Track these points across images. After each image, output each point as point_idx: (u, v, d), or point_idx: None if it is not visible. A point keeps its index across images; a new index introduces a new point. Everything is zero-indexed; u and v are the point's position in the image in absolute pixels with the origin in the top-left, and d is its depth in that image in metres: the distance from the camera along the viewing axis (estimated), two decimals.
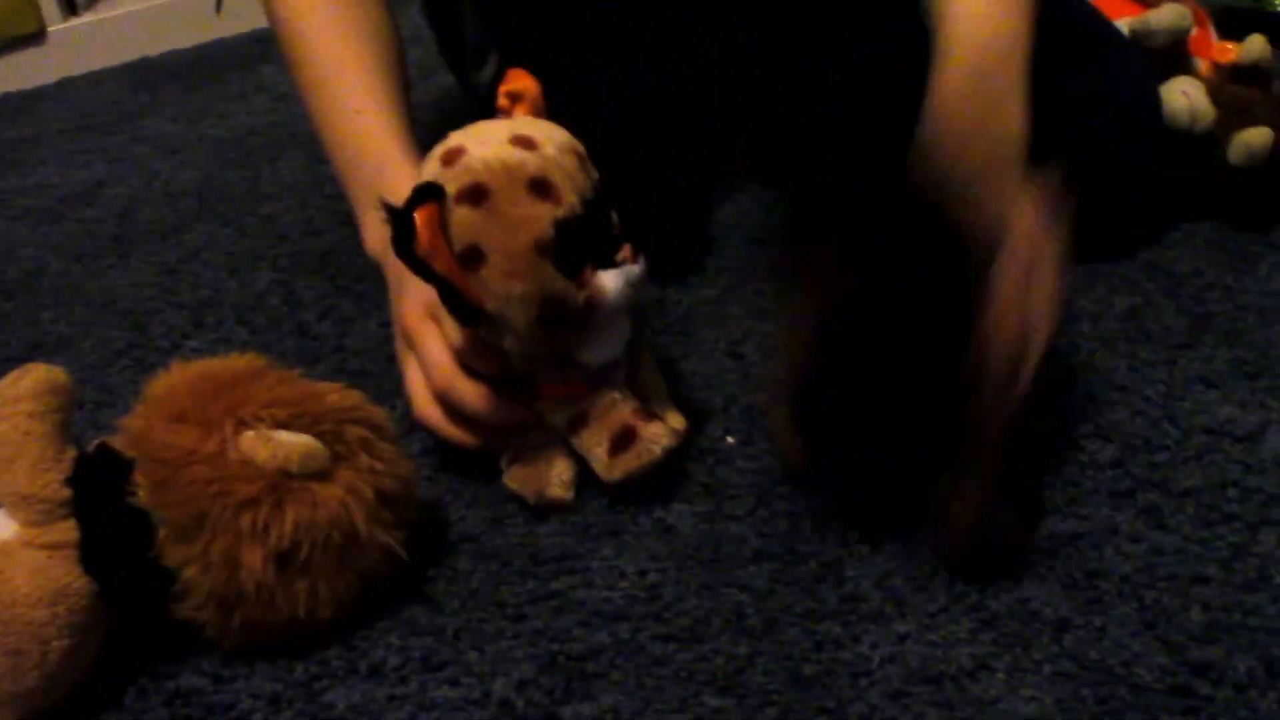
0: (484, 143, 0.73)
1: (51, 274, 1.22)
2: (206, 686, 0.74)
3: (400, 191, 0.85)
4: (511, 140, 0.73)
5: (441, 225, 0.73)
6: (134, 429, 0.74)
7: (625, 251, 0.77)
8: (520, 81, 0.78)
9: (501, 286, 0.74)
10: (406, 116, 0.93)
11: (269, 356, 0.79)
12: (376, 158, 0.90)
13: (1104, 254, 0.99)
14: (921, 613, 0.73)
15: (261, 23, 1.87)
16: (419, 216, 0.72)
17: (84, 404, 0.99)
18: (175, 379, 0.76)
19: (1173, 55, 1.04)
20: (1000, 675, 0.69)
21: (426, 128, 1.27)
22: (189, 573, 0.71)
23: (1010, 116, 0.78)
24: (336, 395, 0.76)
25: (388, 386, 0.96)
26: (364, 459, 0.74)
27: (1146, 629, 0.70)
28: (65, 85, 1.73)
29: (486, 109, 1.20)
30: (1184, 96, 0.98)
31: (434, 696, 0.71)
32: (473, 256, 0.73)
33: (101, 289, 1.18)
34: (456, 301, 0.74)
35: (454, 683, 0.72)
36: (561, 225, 0.73)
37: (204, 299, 1.13)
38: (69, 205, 1.36)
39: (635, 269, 0.76)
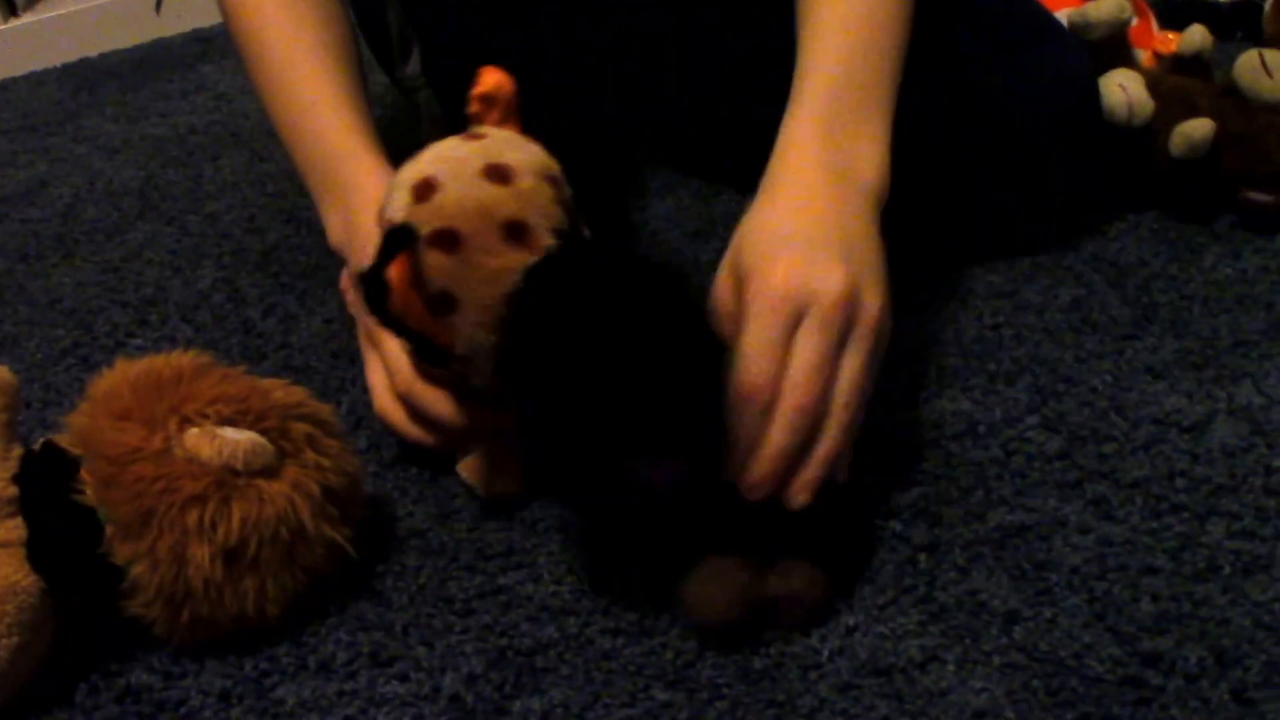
0: (457, 176, 0.69)
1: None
2: (156, 683, 0.73)
3: (358, 185, 0.85)
4: (485, 171, 0.70)
5: (413, 268, 0.70)
6: (79, 427, 0.73)
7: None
8: (492, 82, 0.74)
9: (471, 335, 0.71)
10: (363, 107, 0.92)
11: (214, 354, 0.78)
12: (334, 151, 0.89)
13: (1047, 246, 1.00)
14: (870, 605, 0.72)
15: (202, 22, 1.87)
16: (394, 271, 0.69)
17: (30, 403, 0.98)
18: (119, 377, 0.75)
19: (1112, 47, 1.05)
20: (950, 667, 0.69)
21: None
22: (137, 570, 0.70)
23: (865, 160, 0.75)
24: (281, 391, 0.75)
25: (332, 383, 0.96)
26: (310, 455, 0.73)
27: (1096, 620, 0.70)
28: (5, 86, 1.71)
29: (412, 101, 1.21)
30: (1121, 90, 0.99)
31: (383, 692, 0.71)
32: (444, 303, 0.70)
33: (45, 288, 1.16)
34: (427, 349, 0.73)
35: (403, 678, 0.71)
36: (531, 273, 0.69)
37: (148, 297, 1.11)
38: (11, 205, 1.34)
39: None
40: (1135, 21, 1.06)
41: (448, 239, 0.68)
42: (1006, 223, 0.98)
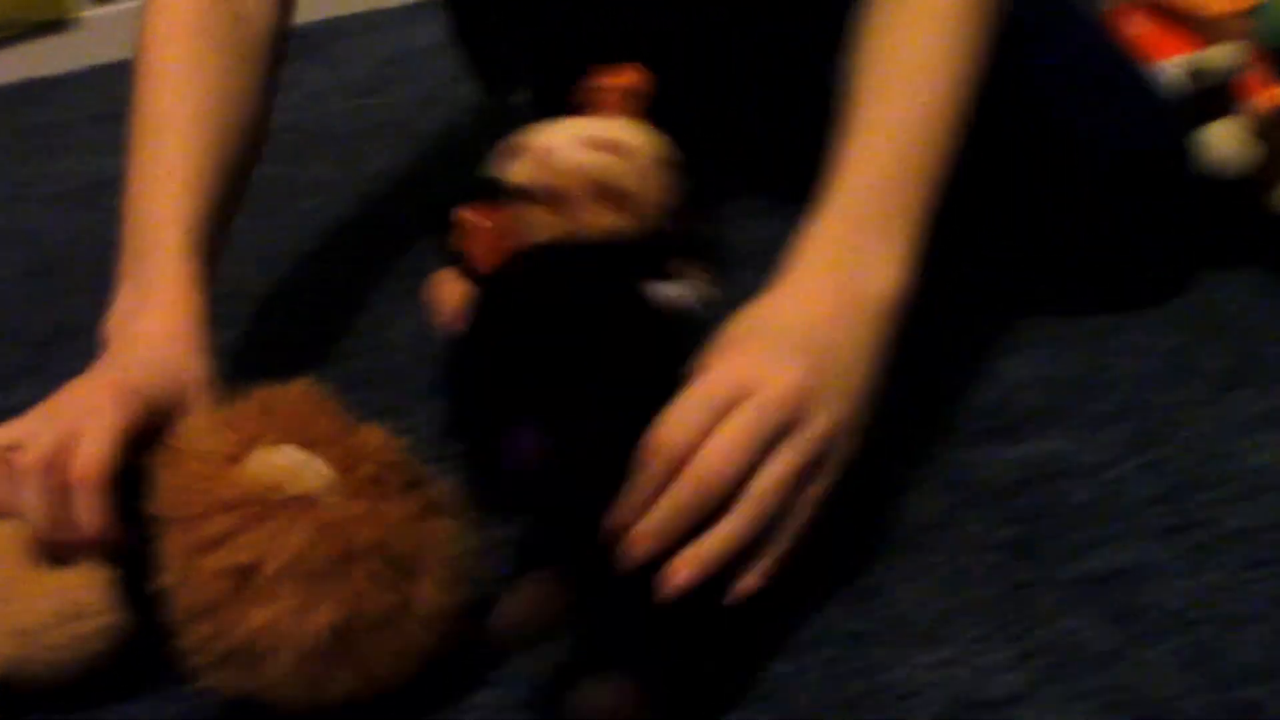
0: (565, 141, 0.73)
1: (80, 260, 1.24)
2: None
3: (151, 282, 0.82)
4: (593, 141, 0.73)
5: (506, 221, 0.73)
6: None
7: (696, 269, 0.76)
8: (620, 76, 0.77)
9: None
10: (214, 201, 0.87)
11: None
12: (156, 240, 0.84)
13: (1147, 292, 1.01)
14: (964, 639, 0.73)
15: (301, 17, 1.90)
16: (477, 214, 0.71)
17: None
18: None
19: (1218, 95, 1.05)
20: (1044, 705, 0.69)
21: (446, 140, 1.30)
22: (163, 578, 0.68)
23: (881, 270, 0.73)
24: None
25: (420, 386, 0.97)
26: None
27: (1194, 665, 0.71)
28: (94, 73, 1.75)
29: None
30: (1223, 142, 1.00)
31: None
32: None
33: None
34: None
35: None
36: (627, 239, 0.72)
37: (238, 291, 1.14)
38: (97, 193, 1.38)
39: (696, 287, 0.76)
40: (1248, 70, 1.07)
41: (551, 196, 0.71)
42: (1102, 269, 0.99)
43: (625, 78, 0.77)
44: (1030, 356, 0.95)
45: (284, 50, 0.96)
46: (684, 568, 0.64)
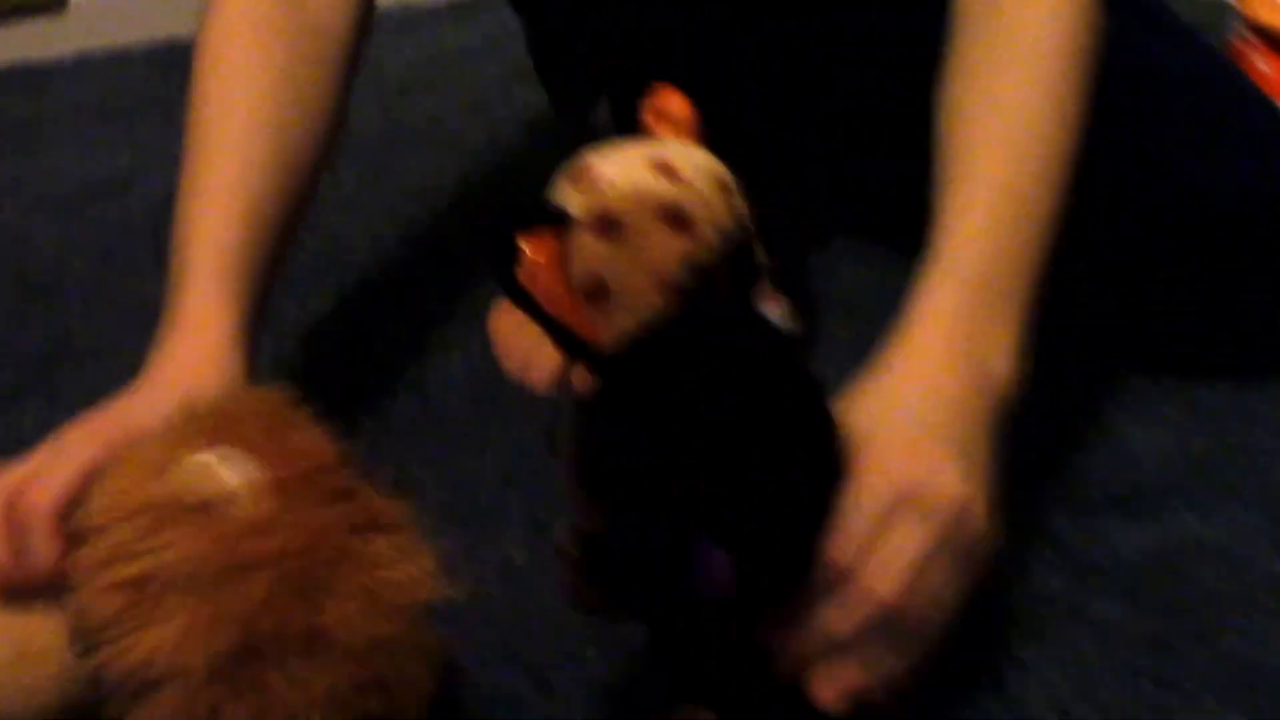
0: (618, 164, 0.77)
1: (77, 275, 1.28)
2: None
3: (183, 305, 0.85)
4: (651, 165, 0.77)
5: (561, 251, 0.76)
6: None
7: (767, 294, 0.80)
8: (668, 99, 0.81)
9: (623, 326, 0.77)
10: (264, 220, 0.89)
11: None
12: (188, 258, 0.88)
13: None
14: None
15: None
16: (533, 243, 0.75)
17: None
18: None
19: None
20: None
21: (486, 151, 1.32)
22: None
23: (1000, 353, 0.77)
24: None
25: (474, 435, 1.01)
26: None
27: None
28: (84, 63, 1.79)
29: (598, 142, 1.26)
30: None
31: None
32: (595, 291, 0.75)
33: (136, 292, 1.23)
34: (564, 337, 0.78)
35: None
36: (692, 265, 0.75)
37: None
38: (94, 198, 1.42)
39: (787, 317, 0.79)
40: None
41: (605, 222, 0.74)
42: (1230, 331, 1.02)
43: (671, 103, 0.82)
44: (1156, 425, 1.00)
45: (360, 50, 1.01)
46: (828, 689, 0.70)
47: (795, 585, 0.69)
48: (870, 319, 1.08)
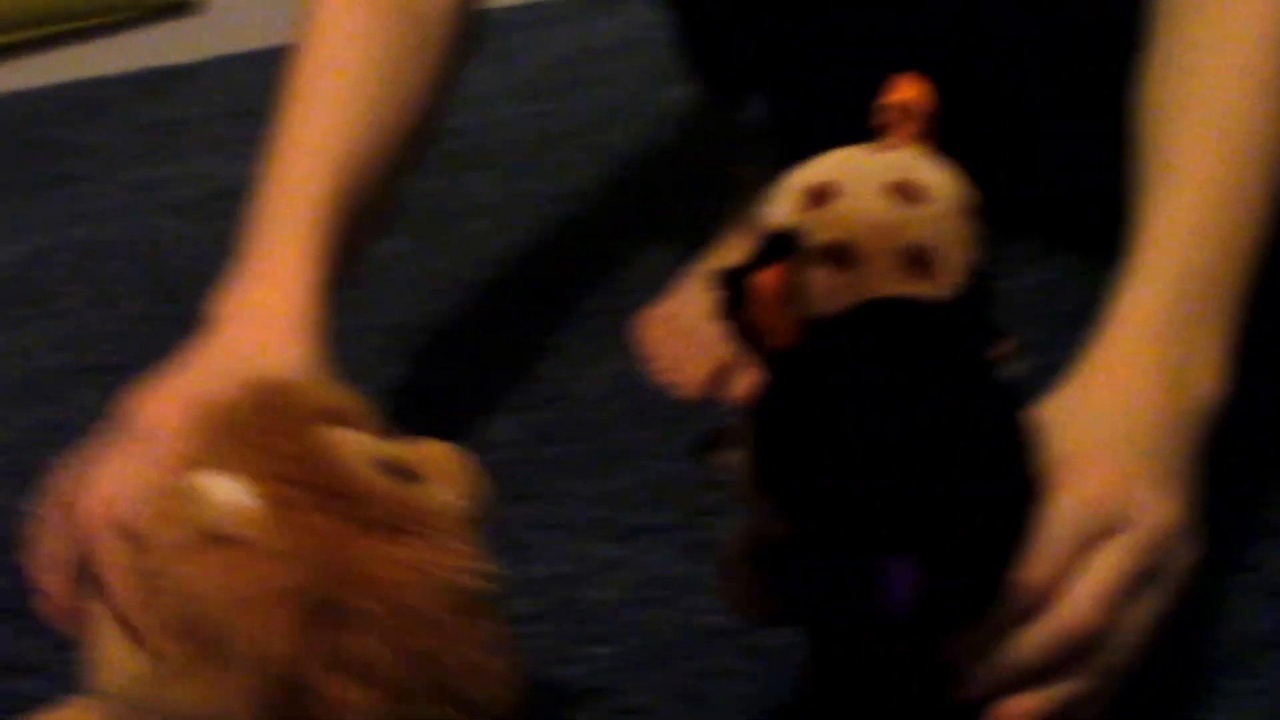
0: (862, 184, 0.72)
1: (210, 278, 1.26)
2: None
3: (268, 254, 0.86)
4: (895, 188, 0.71)
5: (789, 281, 0.72)
6: None
7: (1003, 346, 0.75)
8: (911, 90, 0.76)
9: None
10: (359, 185, 0.89)
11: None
12: (277, 208, 0.89)
13: None
14: None
15: None
16: (765, 277, 0.71)
17: None
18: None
19: None
20: None
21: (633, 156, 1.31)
22: None
23: (1204, 369, 0.74)
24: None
25: (630, 446, 0.98)
26: None
27: None
28: (222, 63, 1.80)
29: (754, 145, 1.23)
30: None
31: None
32: None
33: None
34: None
35: None
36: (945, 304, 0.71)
37: (399, 322, 1.16)
38: (234, 200, 1.40)
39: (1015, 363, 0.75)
40: None
41: (841, 254, 0.70)
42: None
43: (911, 93, 0.76)
44: None
45: (470, 39, 1.00)
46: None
47: (986, 606, 0.66)
48: (1054, 324, 1.06)
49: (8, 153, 1.63)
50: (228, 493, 0.65)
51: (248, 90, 1.70)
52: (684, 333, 1.07)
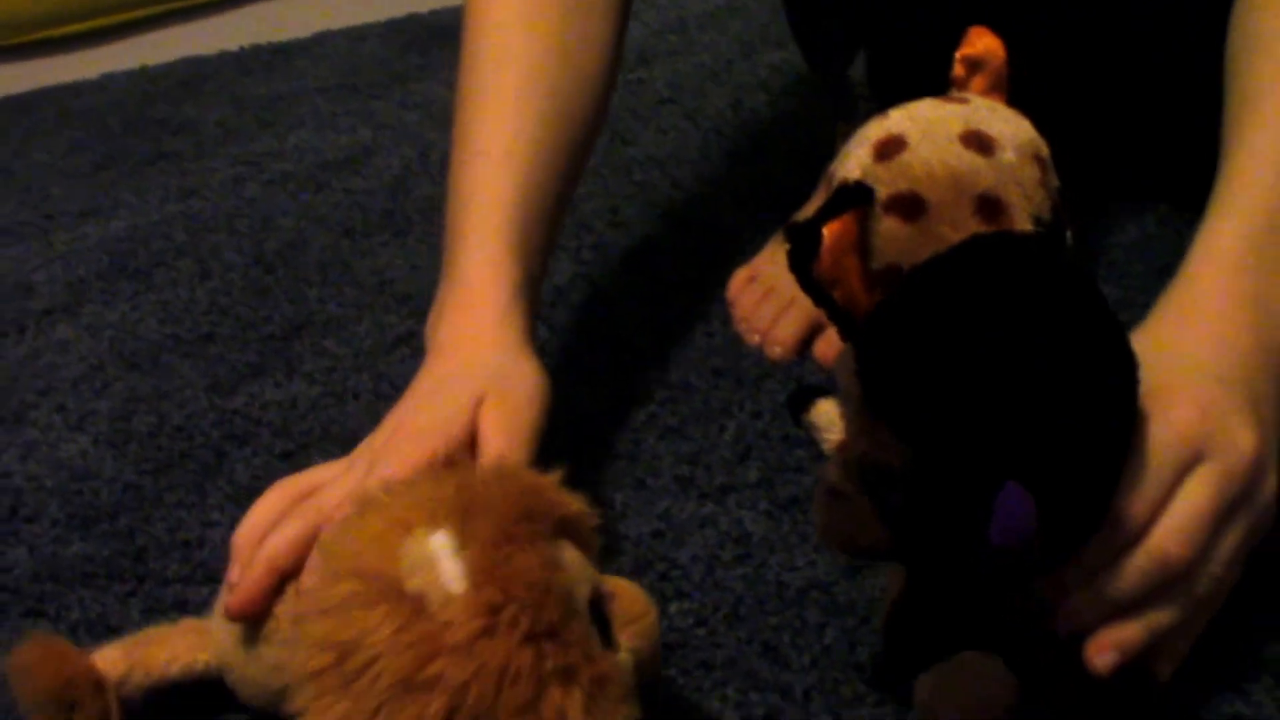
0: (930, 136, 0.71)
1: (316, 248, 1.30)
2: None
3: (460, 277, 0.87)
4: (964, 138, 0.71)
5: (859, 233, 0.73)
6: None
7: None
8: (982, 44, 0.76)
9: None
10: (541, 177, 0.90)
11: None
12: (463, 222, 0.90)
13: None
14: None
15: None
16: (832, 229, 0.71)
17: (359, 394, 1.07)
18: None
19: None
20: None
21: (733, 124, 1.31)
22: None
23: None
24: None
25: (715, 404, 1.00)
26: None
27: None
28: (322, 40, 1.84)
29: (850, 108, 1.23)
30: None
31: None
32: (892, 279, 0.71)
33: (374, 268, 1.25)
34: (854, 329, 0.75)
35: None
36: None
37: None
38: (333, 173, 1.44)
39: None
40: None
41: (910, 205, 0.70)
42: None
43: (983, 46, 0.77)
44: None
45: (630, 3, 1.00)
46: (1106, 651, 0.68)
47: (1088, 537, 0.67)
48: (1148, 279, 1.06)
49: (113, 131, 1.66)
50: (448, 567, 0.65)
51: (343, 66, 1.74)
52: (774, 293, 1.07)
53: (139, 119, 1.68)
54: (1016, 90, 0.78)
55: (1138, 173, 1.18)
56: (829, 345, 1.03)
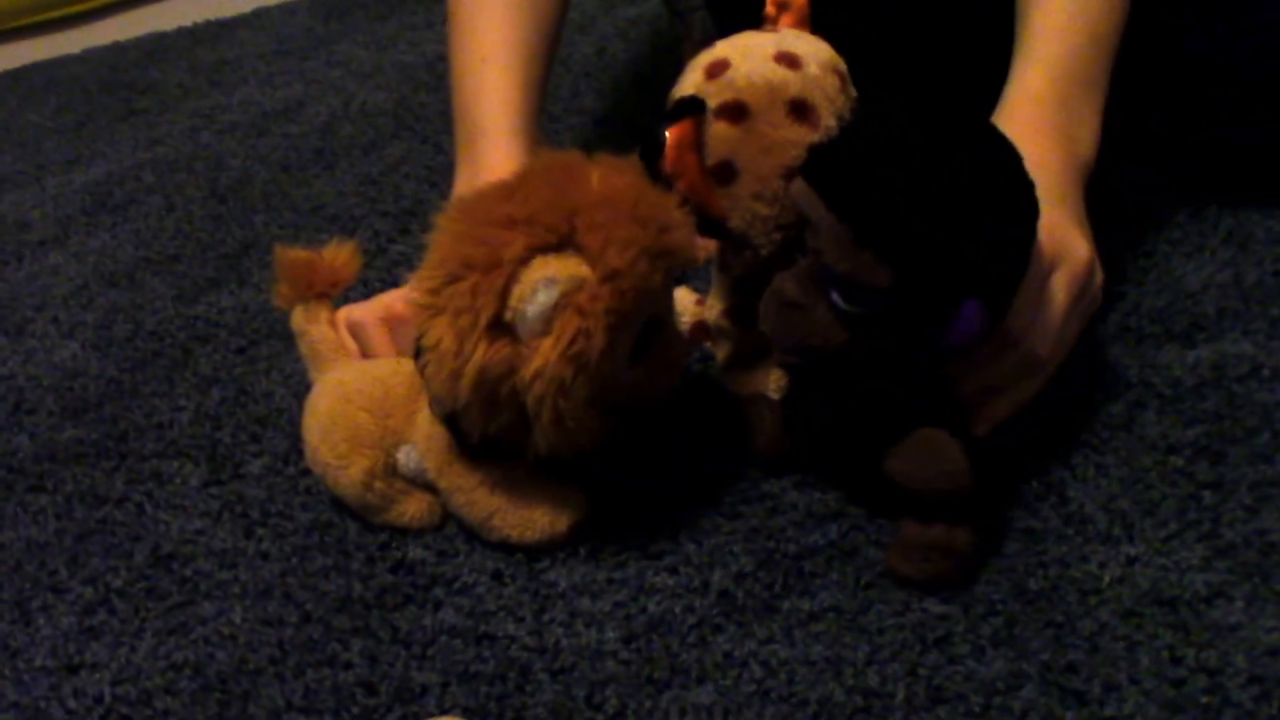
0: (749, 57, 0.69)
1: (260, 181, 1.23)
2: (430, 559, 0.72)
3: (484, 164, 0.83)
4: (776, 57, 0.69)
5: (696, 137, 0.69)
6: None
7: None
8: None
9: (749, 207, 0.70)
10: (534, 79, 0.87)
11: None
12: (479, 119, 0.85)
13: None
14: (1151, 537, 0.68)
15: None
16: (673, 131, 0.68)
17: None
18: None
19: None
20: (1238, 603, 0.64)
21: (622, 61, 1.26)
22: None
23: (1085, 133, 0.73)
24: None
25: None
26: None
27: None
28: (260, 14, 1.75)
29: (684, 23, 1.17)
30: None
31: (654, 582, 0.69)
32: (725, 172, 0.69)
33: (308, 196, 1.18)
34: (698, 217, 0.71)
35: (672, 571, 0.70)
36: (814, 151, 0.67)
37: (407, 208, 1.12)
38: (272, 121, 1.37)
39: None
40: None
41: (735, 110, 0.68)
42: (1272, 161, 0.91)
43: None
44: (1208, 260, 0.87)
45: None
46: (984, 424, 0.67)
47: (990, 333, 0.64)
48: None
49: (92, 94, 1.57)
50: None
51: (278, 35, 1.65)
52: None
53: (113, 83, 1.59)
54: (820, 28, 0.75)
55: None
56: None
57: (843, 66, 0.72)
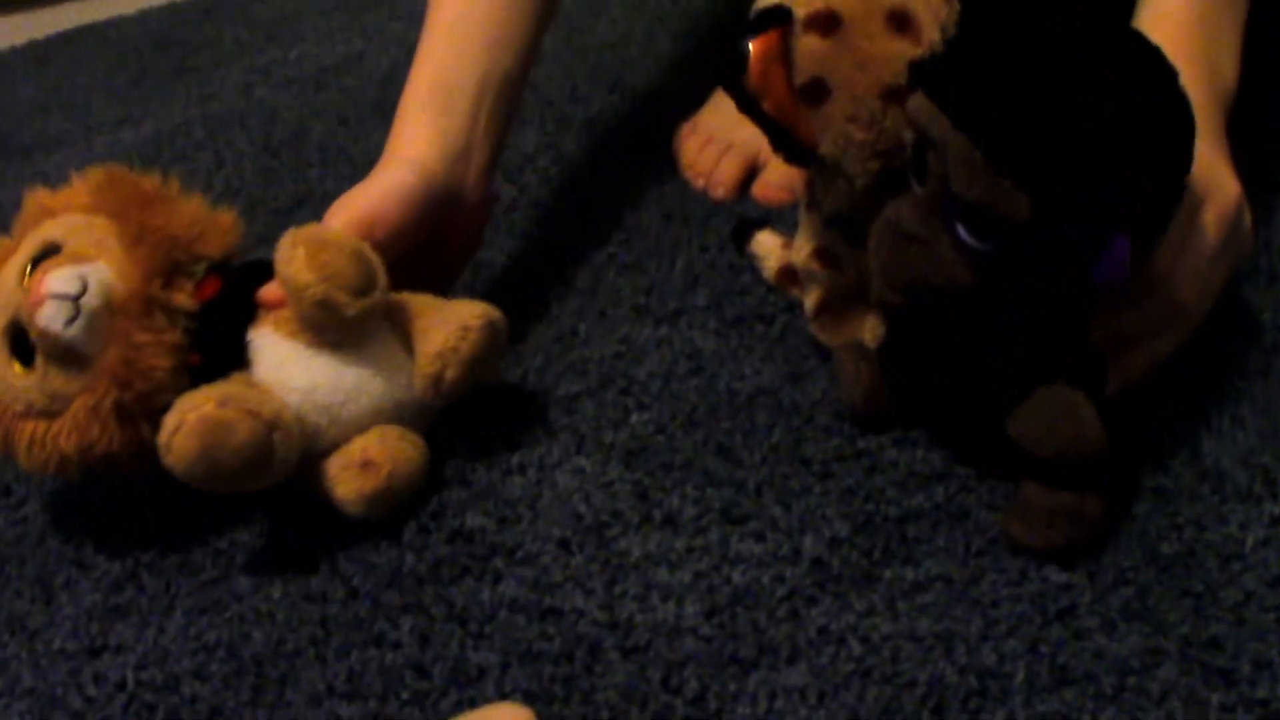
0: None
1: (316, 135, 1.20)
2: (490, 526, 0.67)
3: (398, 137, 0.80)
4: None
5: (784, 51, 0.63)
6: None
7: None
8: None
9: (843, 130, 0.63)
10: (479, 57, 0.83)
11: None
12: (416, 88, 0.84)
13: None
14: None
15: None
16: (757, 44, 0.63)
17: None
18: None
19: None
20: None
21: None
22: None
23: (1226, 57, 0.68)
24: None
25: (665, 244, 0.89)
26: None
27: None
28: None
29: None
30: None
31: (738, 550, 0.64)
32: (815, 92, 0.63)
33: (365, 150, 1.14)
34: (785, 141, 0.65)
35: (759, 537, 0.65)
36: (916, 67, 0.61)
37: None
38: (330, 75, 1.34)
39: None
40: None
41: (827, 20, 0.62)
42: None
43: None
44: None
45: None
46: (1122, 378, 0.62)
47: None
48: None
49: (142, 54, 1.55)
50: None
51: None
52: (713, 141, 0.97)
53: (166, 42, 1.56)
54: None
55: None
56: (765, 186, 0.93)
57: None
